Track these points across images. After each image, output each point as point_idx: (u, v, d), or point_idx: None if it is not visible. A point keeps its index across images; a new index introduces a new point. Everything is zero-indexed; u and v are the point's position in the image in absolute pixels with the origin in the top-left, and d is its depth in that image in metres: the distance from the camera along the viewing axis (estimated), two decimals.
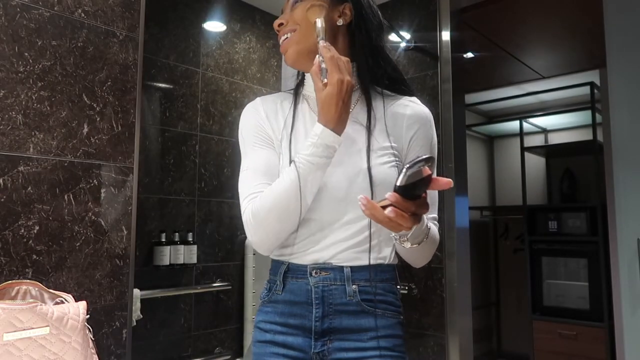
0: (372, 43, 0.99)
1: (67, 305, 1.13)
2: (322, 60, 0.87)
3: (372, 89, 1.00)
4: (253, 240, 0.93)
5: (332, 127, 0.86)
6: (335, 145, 0.87)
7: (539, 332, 3.33)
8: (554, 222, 3.36)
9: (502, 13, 2.32)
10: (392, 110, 0.98)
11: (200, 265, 2.23)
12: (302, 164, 0.86)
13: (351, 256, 0.91)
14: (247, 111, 1.02)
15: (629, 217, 1.65)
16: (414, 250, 0.91)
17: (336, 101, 0.85)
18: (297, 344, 0.92)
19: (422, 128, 0.98)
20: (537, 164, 3.88)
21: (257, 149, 0.97)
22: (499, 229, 4.08)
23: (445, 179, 0.71)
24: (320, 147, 0.86)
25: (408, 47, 2.25)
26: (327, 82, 0.85)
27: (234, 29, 2.49)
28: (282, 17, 1.00)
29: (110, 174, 1.39)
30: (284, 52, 0.99)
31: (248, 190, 0.93)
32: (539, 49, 2.79)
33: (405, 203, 0.71)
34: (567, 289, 3.32)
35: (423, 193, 0.73)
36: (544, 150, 3.77)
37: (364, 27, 0.98)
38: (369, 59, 0.98)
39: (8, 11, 1.23)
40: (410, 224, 0.73)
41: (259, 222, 0.89)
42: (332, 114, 0.86)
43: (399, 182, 0.69)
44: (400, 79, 1.03)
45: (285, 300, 0.94)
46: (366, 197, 0.73)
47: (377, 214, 0.73)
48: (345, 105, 0.87)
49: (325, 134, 0.86)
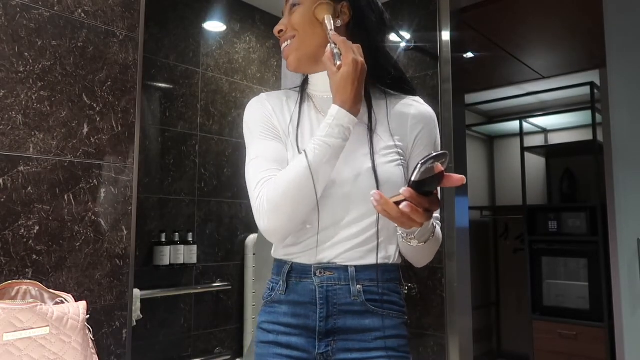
0: (372, 42, 0.98)
1: (67, 305, 1.13)
2: (334, 47, 0.88)
3: (374, 88, 1.00)
4: (266, 226, 0.89)
5: (348, 107, 0.86)
6: (351, 126, 0.87)
7: (539, 332, 3.33)
8: (554, 222, 3.36)
9: (502, 13, 2.32)
10: (396, 110, 0.98)
11: (200, 265, 2.23)
12: (319, 145, 0.86)
13: (356, 255, 0.91)
14: (253, 104, 1.01)
15: (629, 217, 1.65)
16: (420, 249, 0.91)
17: (352, 80, 0.86)
18: (301, 345, 0.91)
19: (426, 128, 0.98)
20: (537, 164, 3.88)
21: (265, 140, 0.96)
22: (499, 229, 4.08)
23: (458, 176, 0.71)
24: (336, 127, 0.86)
25: (408, 47, 2.25)
26: (342, 63, 0.86)
27: (234, 29, 2.49)
28: (281, 22, 1.00)
29: (110, 174, 1.39)
30: (286, 58, 0.99)
31: (259, 175, 0.91)
32: (539, 49, 2.79)
33: (419, 198, 0.71)
34: (567, 289, 3.32)
35: (435, 189, 0.73)
36: (544, 150, 3.77)
37: (363, 26, 0.97)
38: (368, 59, 0.98)
39: (8, 11, 1.23)
40: (423, 220, 0.73)
41: (274, 207, 0.87)
42: (349, 94, 0.86)
43: (414, 177, 0.69)
44: (402, 77, 1.03)
45: (288, 301, 0.93)
46: (379, 192, 0.73)
47: (389, 209, 0.72)
48: (360, 86, 0.87)
49: (340, 115, 0.86)
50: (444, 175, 0.70)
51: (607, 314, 3.02)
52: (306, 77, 1.05)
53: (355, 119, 0.87)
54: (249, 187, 0.92)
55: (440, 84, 2.14)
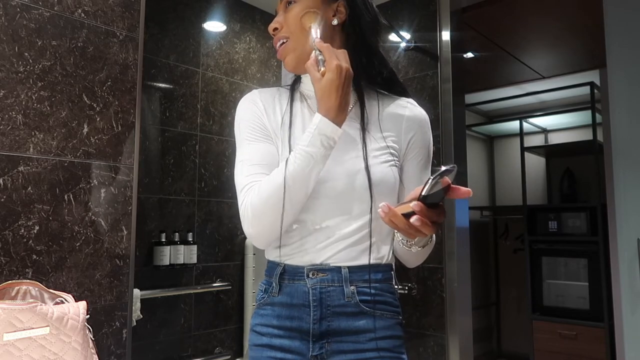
0: (366, 41, 0.97)
1: (67, 305, 1.13)
2: (318, 54, 0.86)
3: (367, 87, 1.00)
4: (250, 232, 0.90)
5: (332, 116, 0.84)
6: (335, 136, 0.85)
7: (539, 332, 3.33)
8: (554, 222, 3.36)
9: (502, 13, 2.32)
10: (390, 110, 0.98)
11: (200, 265, 2.23)
12: (300, 154, 0.84)
13: (349, 256, 0.90)
14: (245, 103, 0.99)
15: (629, 217, 1.65)
16: (417, 253, 0.92)
17: (336, 87, 0.83)
18: (295, 347, 0.90)
19: (420, 130, 0.98)
20: (537, 164, 3.88)
21: (254, 142, 0.95)
22: (499, 229, 4.08)
23: (464, 189, 0.72)
24: (318, 137, 0.84)
25: (408, 47, 2.25)
26: (325, 69, 0.84)
27: (234, 29, 2.49)
28: (276, 20, 0.98)
29: (111, 174, 1.39)
30: (282, 58, 0.98)
31: (244, 181, 0.91)
32: (539, 49, 2.79)
33: (428, 212, 0.72)
34: (567, 289, 3.32)
35: (441, 201, 0.74)
36: (544, 150, 3.77)
37: (358, 24, 0.97)
38: (362, 58, 0.97)
39: (8, 11, 1.23)
40: (431, 232, 0.74)
41: (257, 214, 0.87)
42: (332, 101, 0.84)
43: (424, 191, 0.70)
44: (394, 79, 1.02)
45: (281, 303, 0.92)
46: (387, 205, 0.74)
47: (397, 222, 0.74)
48: (345, 94, 0.84)
49: (323, 124, 0.84)
50: (451, 187, 0.72)
51: (607, 314, 3.02)
52: (298, 76, 1.04)
53: (339, 129, 0.85)
54: (237, 191, 0.93)
55: (440, 84, 2.14)
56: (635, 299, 1.63)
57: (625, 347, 1.66)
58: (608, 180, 2.43)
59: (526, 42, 2.67)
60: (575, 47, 2.73)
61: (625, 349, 1.66)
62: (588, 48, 2.65)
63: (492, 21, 2.42)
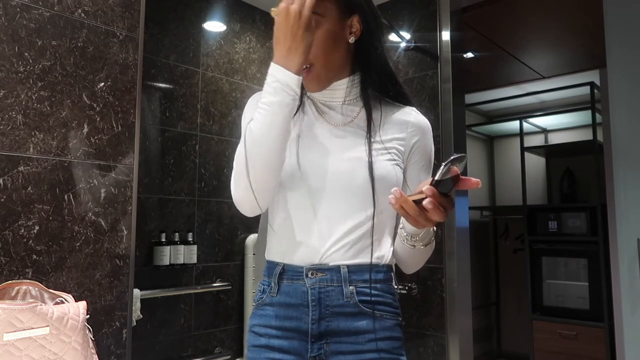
0: (379, 57, 0.97)
1: (67, 305, 1.13)
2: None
3: (375, 98, 0.99)
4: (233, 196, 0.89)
5: (282, 62, 0.81)
6: (290, 83, 0.81)
7: (539, 332, 3.33)
8: (554, 222, 3.36)
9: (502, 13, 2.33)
10: (396, 116, 0.98)
11: (200, 265, 2.23)
12: (259, 109, 0.83)
13: (349, 254, 0.90)
14: (255, 99, 0.98)
15: (629, 217, 1.65)
16: (418, 252, 0.92)
17: (284, 32, 0.81)
18: (294, 348, 0.90)
19: (423, 137, 0.99)
20: (537, 164, 3.88)
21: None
22: (499, 229, 4.08)
23: (474, 179, 0.73)
24: (272, 84, 0.82)
25: (408, 47, 2.25)
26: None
27: (234, 29, 2.49)
28: None
29: (110, 174, 1.39)
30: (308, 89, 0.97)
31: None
32: (539, 49, 2.79)
33: (440, 197, 0.73)
34: (567, 289, 3.32)
35: (450, 190, 0.75)
36: (544, 150, 3.77)
37: (370, 41, 0.96)
38: (372, 72, 0.97)
39: (8, 11, 1.23)
40: (441, 219, 0.75)
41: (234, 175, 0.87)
42: (280, 47, 0.82)
43: (437, 176, 0.72)
44: (401, 92, 1.01)
45: (280, 303, 0.92)
46: (399, 190, 0.75)
47: (408, 207, 0.74)
48: (294, 37, 0.81)
49: (274, 70, 0.82)
50: (460, 177, 0.73)
51: (607, 314, 3.02)
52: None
53: (293, 74, 0.81)
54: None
55: (440, 84, 2.14)
56: (635, 299, 1.63)
57: (625, 347, 1.66)
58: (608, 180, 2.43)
59: (526, 42, 2.67)
60: (575, 47, 2.73)
61: (625, 349, 1.66)
62: (588, 48, 2.65)
63: (492, 21, 2.42)
